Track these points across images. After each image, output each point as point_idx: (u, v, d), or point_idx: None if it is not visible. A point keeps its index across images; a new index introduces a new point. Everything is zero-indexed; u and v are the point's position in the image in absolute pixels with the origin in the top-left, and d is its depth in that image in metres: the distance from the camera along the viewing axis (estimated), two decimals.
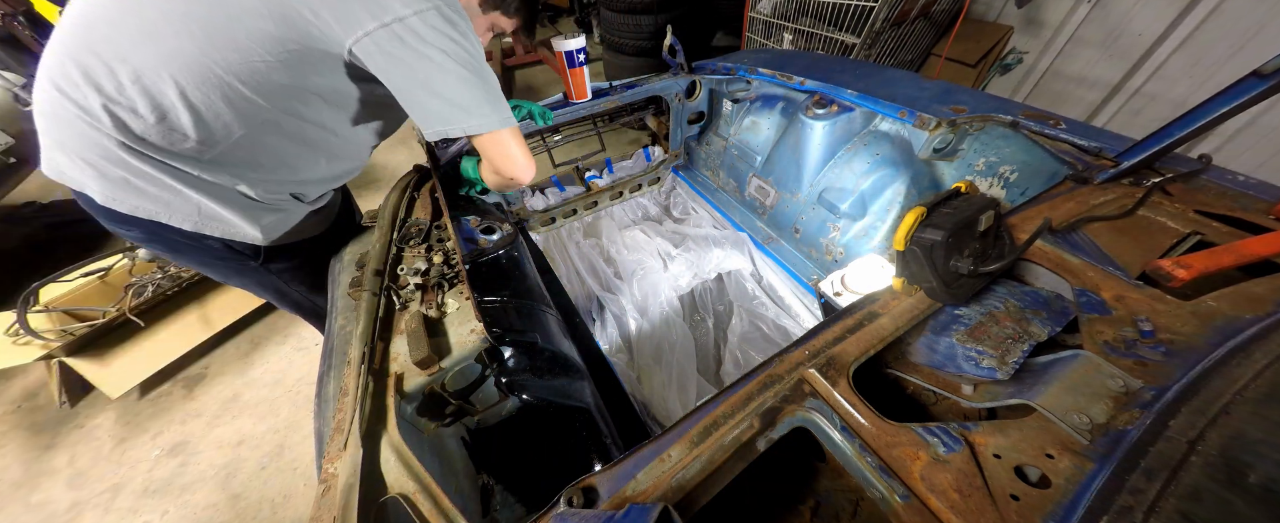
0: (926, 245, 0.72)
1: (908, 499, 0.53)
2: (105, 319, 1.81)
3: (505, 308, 1.12)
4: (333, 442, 0.68)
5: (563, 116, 1.72)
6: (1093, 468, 0.51)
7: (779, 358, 0.70)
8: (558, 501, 0.56)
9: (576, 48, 1.58)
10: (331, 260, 1.17)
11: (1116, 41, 2.70)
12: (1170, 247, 0.82)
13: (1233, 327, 0.63)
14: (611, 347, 1.72)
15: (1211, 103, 0.80)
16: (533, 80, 4.85)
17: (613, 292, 1.89)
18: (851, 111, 1.61)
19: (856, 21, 2.67)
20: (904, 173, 1.49)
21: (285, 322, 2.30)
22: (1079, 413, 0.56)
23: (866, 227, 1.59)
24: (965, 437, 0.57)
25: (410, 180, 1.36)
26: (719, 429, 0.61)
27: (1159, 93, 2.62)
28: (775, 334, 1.69)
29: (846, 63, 1.91)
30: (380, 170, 3.49)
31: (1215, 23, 2.33)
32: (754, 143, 1.97)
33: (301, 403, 1.97)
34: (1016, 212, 0.92)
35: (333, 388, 0.84)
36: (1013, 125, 1.23)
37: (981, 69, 3.23)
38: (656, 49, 2.04)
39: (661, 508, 0.39)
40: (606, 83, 1.83)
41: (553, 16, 6.59)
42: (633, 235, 2.16)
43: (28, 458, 1.85)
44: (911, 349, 0.78)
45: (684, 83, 1.97)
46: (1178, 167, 0.95)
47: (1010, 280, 0.83)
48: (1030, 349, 0.69)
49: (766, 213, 1.95)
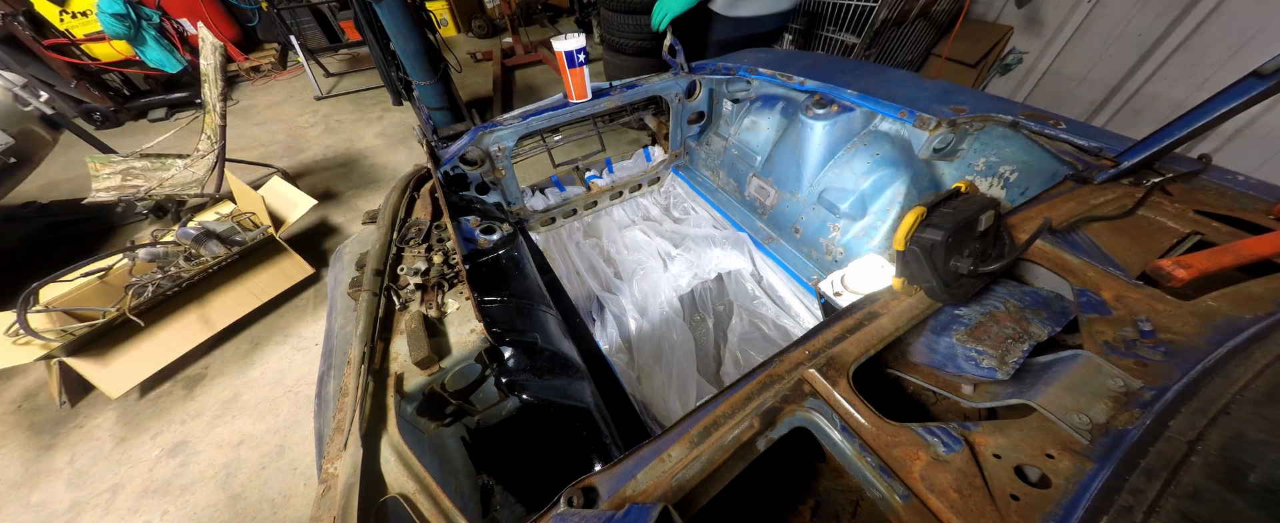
0: (926, 245, 0.72)
1: (908, 499, 0.53)
2: (105, 319, 1.81)
3: (505, 308, 1.12)
4: (333, 442, 0.68)
5: (563, 117, 1.72)
6: (1093, 468, 0.51)
7: (779, 358, 0.70)
8: (558, 501, 0.56)
9: (576, 48, 1.58)
10: (331, 260, 1.17)
11: (1116, 41, 2.70)
12: (1170, 247, 0.82)
13: (1233, 327, 0.63)
14: (611, 347, 1.72)
15: (1211, 103, 0.80)
16: (533, 80, 4.85)
17: (613, 292, 1.89)
18: (851, 112, 1.61)
19: (856, 21, 2.68)
20: (904, 173, 1.49)
21: (285, 322, 2.31)
22: (1079, 413, 0.56)
23: (866, 227, 1.59)
24: (965, 437, 0.57)
25: (410, 180, 1.36)
26: (719, 429, 0.61)
27: (1159, 93, 2.62)
28: (775, 334, 1.69)
29: (846, 63, 1.90)
30: (380, 170, 3.49)
31: (1215, 23, 2.33)
32: (754, 143, 1.97)
33: (301, 403, 1.97)
34: (1016, 212, 0.92)
35: (333, 388, 0.84)
36: (1013, 125, 1.23)
37: (981, 69, 3.23)
38: (656, 49, 2.05)
39: (661, 508, 0.39)
40: (606, 83, 1.83)
41: (553, 16, 6.59)
42: (633, 235, 2.16)
43: (27, 458, 1.85)
44: (911, 349, 0.78)
45: (684, 83, 1.97)
46: (1178, 167, 0.94)
47: (1010, 280, 0.83)
48: (1030, 349, 0.68)
49: (766, 213, 1.95)
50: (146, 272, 1.97)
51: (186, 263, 2.03)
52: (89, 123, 4.28)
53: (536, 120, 1.67)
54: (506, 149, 1.69)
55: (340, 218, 3.02)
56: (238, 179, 2.53)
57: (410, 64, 3.07)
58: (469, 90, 4.59)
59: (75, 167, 3.62)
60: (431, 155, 1.48)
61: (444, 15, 6.28)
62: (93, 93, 4.12)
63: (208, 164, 2.66)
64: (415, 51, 3.01)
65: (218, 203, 2.57)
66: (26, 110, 2.58)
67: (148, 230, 2.23)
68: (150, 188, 2.63)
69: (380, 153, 3.73)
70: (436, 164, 1.49)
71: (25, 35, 3.63)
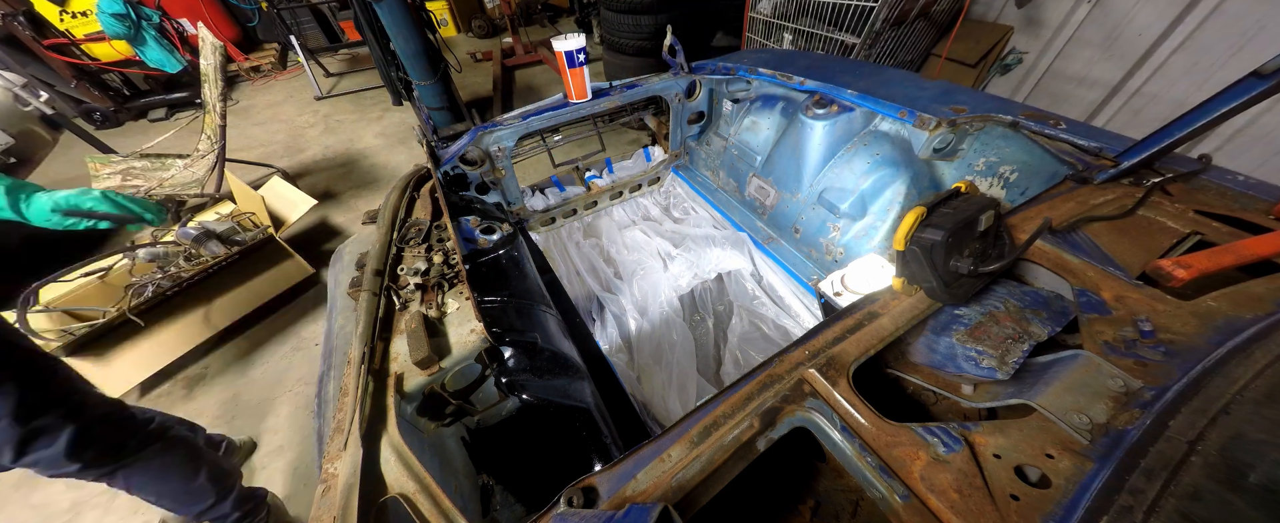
0: (926, 245, 0.72)
1: (908, 499, 0.53)
2: (105, 319, 1.81)
3: (505, 308, 1.12)
4: (333, 442, 0.68)
5: (563, 116, 1.72)
6: (1093, 468, 0.51)
7: (779, 358, 0.70)
8: (558, 501, 0.56)
9: (576, 48, 1.58)
10: (332, 259, 1.18)
11: (1116, 41, 2.70)
12: (1170, 247, 0.82)
13: (1233, 327, 0.63)
14: (611, 347, 1.72)
15: (1211, 103, 0.80)
16: (533, 80, 4.85)
17: (613, 292, 1.89)
18: (851, 111, 1.61)
19: (856, 21, 2.68)
20: (904, 173, 1.49)
21: (285, 322, 2.30)
22: (1079, 413, 0.56)
23: (866, 227, 1.59)
24: (965, 437, 0.57)
25: (410, 180, 1.36)
26: (719, 429, 0.61)
27: (1159, 93, 2.62)
28: (775, 334, 1.69)
29: (846, 63, 1.91)
30: (380, 170, 3.49)
31: (1215, 23, 2.33)
32: (754, 143, 1.97)
33: (301, 403, 1.96)
34: (1016, 212, 0.92)
35: (333, 388, 0.84)
36: (1013, 125, 1.23)
37: (981, 69, 3.23)
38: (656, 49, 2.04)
39: (661, 508, 0.39)
40: (606, 83, 1.83)
41: (553, 16, 6.59)
42: (633, 235, 2.16)
43: None
44: (911, 349, 0.78)
45: (684, 83, 1.97)
46: (1178, 167, 0.94)
47: (1010, 280, 0.83)
48: (1030, 349, 0.68)
49: (766, 213, 1.95)
50: (146, 272, 1.97)
51: (186, 263, 2.03)
52: (89, 123, 4.28)
53: (536, 120, 1.67)
54: (506, 149, 1.69)
55: (340, 218, 3.02)
56: (238, 179, 2.53)
57: (410, 64, 3.07)
58: (469, 90, 4.59)
59: (75, 166, 3.62)
60: (431, 155, 1.48)
61: (444, 15, 6.29)
62: (93, 93, 4.12)
63: (208, 164, 2.67)
64: (415, 51, 3.01)
65: (218, 203, 2.57)
66: (26, 110, 2.58)
67: (148, 230, 2.23)
68: (150, 188, 2.63)
69: (380, 153, 3.73)
70: (436, 164, 1.49)
71: (25, 35, 3.63)
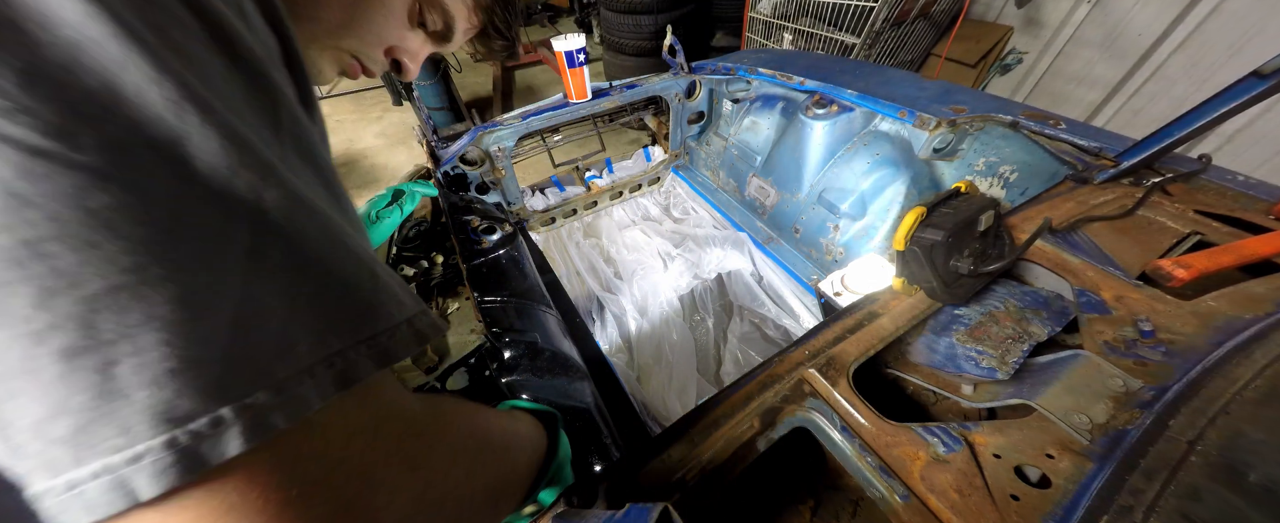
0: (926, 245, 0.72)
1: (908, 499, 0.53)
2: None
3: (505, 308, 1.12)
4: None
5: (563, 117, 1.72)
6: (1093, 468, 0.51)
7: (779, 358, 0.70)
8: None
9: (576, 48, 1.58)
10: None
11: (1116, 41, 2.70)
12: (1170, 247, 0.82)
13: (1233, 327, 0.63)
14: (611, 347, 1.71)
15: (1211, 103, 0.80)
16: (533, 80, 4.85)
17: (613, 292, 1.89)
18: (851, 111, 1.61)
19: (856, 21, 2.68)
20: (904, 173, 1.49)
21: None
22: (1079, 413, 0.56)
23: (866, 227, 1.59)
24: (965, 437, 0.57)
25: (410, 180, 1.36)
26: (719, 429, 0.61)
27: (1159, 93, 2.62)
28: (775, 334, 1.69)
29: (846, 63, 1.91)
30: (380, 170, 3.49)
31: (1215, 23, 2.33)
32: (754, 143, 1.97)
33: None
34: (1016, 212, 0.92)
35: None
36: (1013, 125, 1.23)
37: (981, 69, 3.23)
38: (656, 49, 2.04)
39: (661, 508, 0.39)
40: (606, 83, 1.83)
41: (553, 16, 6.59)
42: (633, 235, 2.16)
43: None
44: (911, 349, 0.78)
45: (684, 83, 1.97)
46: (1178, 167, 0.94)
47: (1010, 280, 0.83)
48: (1030, 349, 0.69)
49: (766, 213, 1.95)
50: None
51: None
52: None
53: (536, 120, 1.67)
54: (506, 149, 1.69)
55: None
56: None
57: None
58: (469, 90, 4.59)
59: None
60: (431, 155, 1.48)
61: None
62: None
63: None
64: None
65: None
66: None
67: None
68: None
69: (380, 153, 3.73)
70: (436, 164, 1.49)
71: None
